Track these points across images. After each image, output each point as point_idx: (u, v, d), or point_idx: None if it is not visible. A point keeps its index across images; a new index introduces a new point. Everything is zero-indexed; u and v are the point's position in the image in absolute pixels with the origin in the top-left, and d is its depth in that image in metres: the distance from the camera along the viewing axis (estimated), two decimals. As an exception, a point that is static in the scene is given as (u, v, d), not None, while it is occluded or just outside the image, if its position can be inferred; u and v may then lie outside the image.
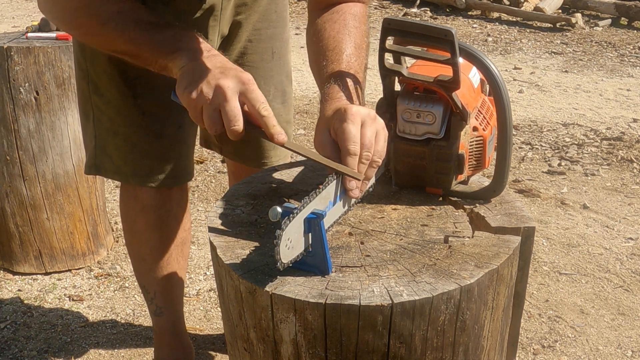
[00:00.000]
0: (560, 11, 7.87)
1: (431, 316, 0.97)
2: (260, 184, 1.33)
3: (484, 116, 1.26)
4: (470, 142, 1.23)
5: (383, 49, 1.18)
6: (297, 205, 0.99)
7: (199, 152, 3.69)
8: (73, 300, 2.47)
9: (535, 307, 2.45)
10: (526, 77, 5.56)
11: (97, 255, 2.73)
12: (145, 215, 1.72)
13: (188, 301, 2.43)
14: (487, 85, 1.29)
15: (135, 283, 2.35)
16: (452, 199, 1.25)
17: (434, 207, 1.23)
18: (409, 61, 1.26)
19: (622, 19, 7.50)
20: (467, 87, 1.22)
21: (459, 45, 1.11)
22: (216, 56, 1.22)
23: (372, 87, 4.69)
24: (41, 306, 2.44)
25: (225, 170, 3.54)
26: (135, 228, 1.77)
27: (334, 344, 0.97)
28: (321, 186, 1.06)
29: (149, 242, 1.77)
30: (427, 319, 0.97)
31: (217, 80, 1.14)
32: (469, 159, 1.24)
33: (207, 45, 1.25)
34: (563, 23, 7.29)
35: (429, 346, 1.00)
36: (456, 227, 1.15)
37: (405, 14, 8.04)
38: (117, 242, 2.86)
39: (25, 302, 2.46)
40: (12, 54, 2.34)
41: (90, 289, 2.54)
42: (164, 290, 1.85)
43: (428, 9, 8.19)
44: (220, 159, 3.70)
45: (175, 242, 1.80)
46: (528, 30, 7.29)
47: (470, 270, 1.01)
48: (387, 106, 1.26)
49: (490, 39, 6.97)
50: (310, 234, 1.00)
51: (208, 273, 2.65)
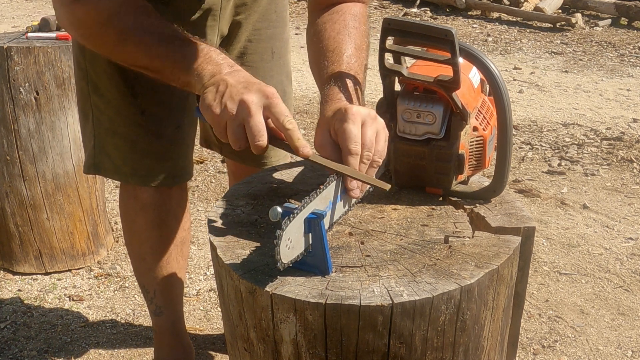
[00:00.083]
0: (560, 11, 7.88)
1: (431, 316, 0.97)
2: (261, 184, 1.33)
3: (484, 116, 1.26)
4: (471, 142, 1.23)
5: (383, 49, 1.18)
6: (297, 205, 0.99)
7: (199, 152, 3.69)
8: (73, 300, 2.47)
9: (535, 307, 2.45)
10: (526, 77, 5.56)
11: (97, 255, 2.73)
12: (144, 215, 1.72)
13: (188, 301, 2.43)
14: (487, 85, 1.29)
15: (135, 283, 2.35)
16: (452, 199, 1.25)
17: (434, 207, 1.23)
18: (409, 61, 1.26)
19: (622, 19, 7.51)
20: (467, 87, 1.22)
21: (459, 45, 1.11)
22: (239, 71, 1.21)
23: (372, 87, 4.69)
24: (41, 306, 2.44)
25: (225, 170, 3.54)
26: (135, 227, 1.77)
27: (334, 344, 0.97)
28: (321, 186, 1.07)
29: (149, 242, 1.77)
30: (427, 319, 0.97)
31: (241, 95, 1.12)
32: (469, 159, 1.24)
33: (229, 60, 1.24)
34: (563, 23, 7.29)
35: (429, 346, 1.00)
36: (456, 227, 1.15)
37: (405, 14, 8.04)
38: (117, 242, 2.86)
39: (25, 302, 2.46)
40: (12, 54, 2.34)
41: (90, 289, 2.54)
42: (164, 289, 1.85)
43: (428, 9, 8.19)
44: (220, 159, 3.70)
45: (175, 242, 1.80)
46: (528, 30, 7.29)
47: (471, 270, 1.01)
48: (387, 106, 1.26)
49: (490, 39, 6.97)
50: (310, 234, 1.00)
51: (208, 273, 2.65)
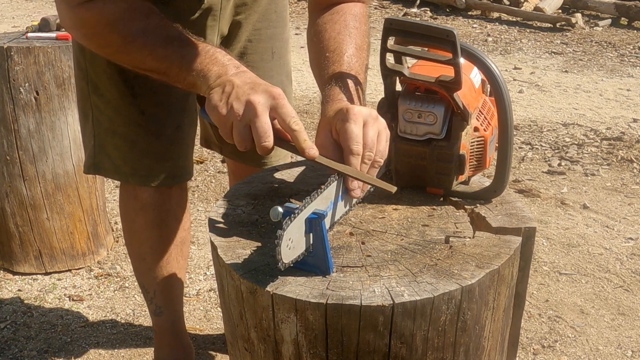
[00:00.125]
0: (560, 11, 7.88)
1: (432, 316, 0.97)
2: (261, 183, 1.33)
3: (485, 116, 1.26)
4: (472, 142, 1.23)
5: (384, 49, 1.18)
6: (298, 205, 0.99)
7: (199, 152, 3.69)
8: (73, 300, 2.47)
9: (535, 307, 2.45)
10: (526, 77, 5.57)
11: (97, 255, 2.73)
12: (144, 215, 1.72)
13: (188, 301, 2.43)
14: (488, 86, 1.29)
15: (135, 283, 2.35)
16: (453, 199, 1.25)
17: (434, 207, 1.22)
18: (410, 61, 1.26)
19: (622, 19, 7.51)
20: (468, 87, 1.22)
21: (460, 45, 1.11)
22: (245, 72, 1.20)
23: (373, 87, 4.69)
24: (41, 306, 2.44)
25: (225, 170, 3.54)
26: (135, 227, 1.77)
27: (335, 344, 0.97)
28: (322, 186, 1.06)
29: (149, 242, 1.77)
30: (428, 319, 0.97)
31: (248, 96, 1.12)
32: (470, 159, 1.24)
33: (235, 61, 1.23)
34: (563, 23, 7.29)
35: (430, 346, 0.99)
36: (457, 228, 1.15)
37: (405, 14, 8.04)
38: (117, 242, 2.86)
39: (25, 302, 2.45)
40: (12, 54, 2.34)
41: (90, 289, 2.54)
42: (164, 289, 1.85)
43: (428, 9, 8.20)
44: (220, 159, 3.70)
45: (174, 242, 1.80)
46: (528, 30, 7.29)
47: (471, 270, 1.01)
48: (388, 106, 1.26)
49: (490, 39, 6.97)
50: (311, 234, 1.00)
51: (208, 273, 2.65)
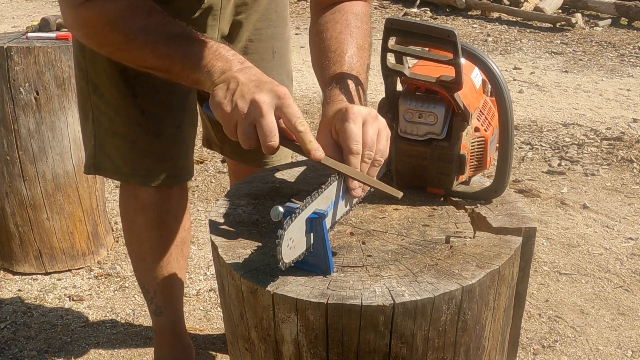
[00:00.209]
0: (560, 11, 7.88)
1: (433, 316, 0.97)
2: (262, 183, 1.33)
3: (485, 117, 1.26)
4: (472, 142, 1.23)
5: (385, 49, 1.18)
6: (299, 205, 0.99)
7: (199, 152, 3.69)
8: (73, 300, 2.47)
9: (535, 307, 2.45)
10: (526, 77, 5.57)
11: (97, 255, 2.73)
12: (144, 214, 1.72)
13: (188, 301, 2.43)
14: (489, 86, 1.29)
15: (135, 283, 2.35)
16: (454, 199, 1.25)
17: (435, 207, 1.22)
18: (411, 61, 1.26)
19: (622, 19, 7.51)
20: (469, 87, 1.22)
21: (461, 45, 1.11)
22: (250, 68, 1.18)
23: (373, 87, 4.69)
24: (41, 306, 2.44)
25: (225, 170, 3.54)
26: (135, 227, 1.77)
27: (335, 344, 0.97)
28: (323, 186, 1.06)
29: (149, 241, 1.77)
30: (428, 319, 0.97)
31: (253, 94, 1.10)
32: (471, 159, 1.24)
33: (239, 56, 1.22)
34: (563, 23, 7.29)
35: (431, 346, 0.99)
36: (457, 228, 1.15)
37: (405, 14, 8.04)
38: (117, 242, 2.86)
39: (25, 302, 2.45)
40: (12, 54, 2.34)
41: (90, 289, 2.54)
42: (164, 289, 1.85)
43: (428, 9, 8.20)
44: (221, 158, 3.70)
45: (175, 242, 1.80)
46: (528, 30, 7.29)
47: (472, 270, 1.01)
48: (389, 106, 1.26)
49: (490, 39, 6.97)
50: (312, 234, 1.00)
51: (208, 273, 2.65)
